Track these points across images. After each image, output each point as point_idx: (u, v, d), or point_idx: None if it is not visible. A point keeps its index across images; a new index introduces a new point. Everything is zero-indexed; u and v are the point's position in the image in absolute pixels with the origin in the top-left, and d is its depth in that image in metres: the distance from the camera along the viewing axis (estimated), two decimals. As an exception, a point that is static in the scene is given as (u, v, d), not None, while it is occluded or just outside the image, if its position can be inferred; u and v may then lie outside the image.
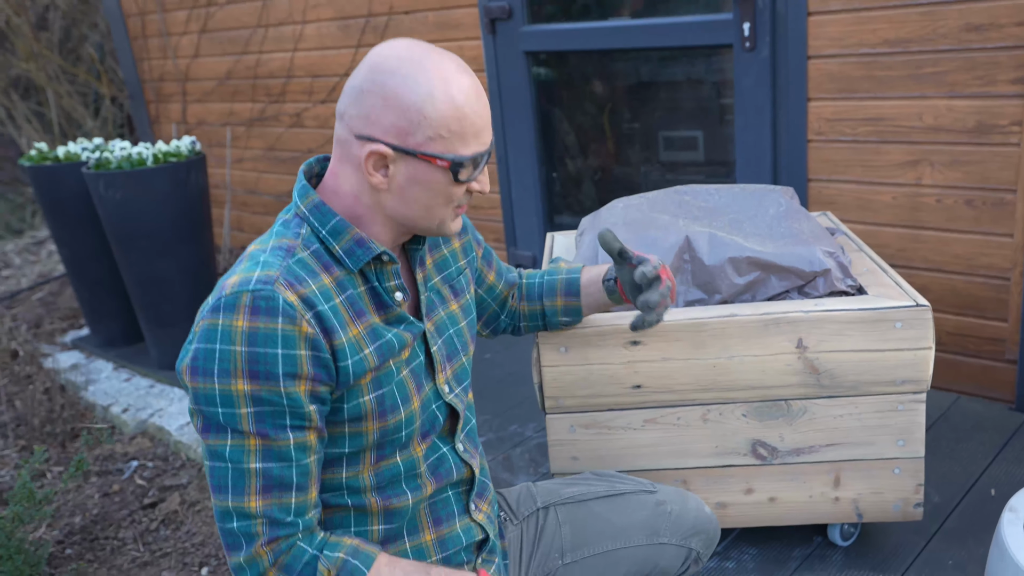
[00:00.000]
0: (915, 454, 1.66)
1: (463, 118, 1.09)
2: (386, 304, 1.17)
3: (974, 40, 2.09)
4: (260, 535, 1.06)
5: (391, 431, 1.16)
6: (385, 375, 1.15)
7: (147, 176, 2.90)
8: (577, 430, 1.70)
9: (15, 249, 5.61)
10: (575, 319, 1.54)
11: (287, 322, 1.04)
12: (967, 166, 2.18)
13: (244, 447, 1.06)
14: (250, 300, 1.04)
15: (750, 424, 1.67)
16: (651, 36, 2.66)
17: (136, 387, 3.14)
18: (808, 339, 1.60)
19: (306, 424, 1.08)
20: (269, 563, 1.07)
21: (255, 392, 1.04)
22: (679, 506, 1.43)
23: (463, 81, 1.10)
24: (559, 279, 1.52)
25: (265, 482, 1.06)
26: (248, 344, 1.04)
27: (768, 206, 1.79)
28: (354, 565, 1.08)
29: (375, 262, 1.16)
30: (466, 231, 1.39)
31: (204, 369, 1.05)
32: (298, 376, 1.05)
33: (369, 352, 1.12)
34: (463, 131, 1.09)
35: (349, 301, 1.12)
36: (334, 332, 1.09)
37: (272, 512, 1.06)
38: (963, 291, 2.28)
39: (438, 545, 1.25)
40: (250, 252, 1.13)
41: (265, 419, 1.05)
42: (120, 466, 2.70)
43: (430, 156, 1.09)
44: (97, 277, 3.35)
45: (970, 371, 2.33)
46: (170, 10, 4.42)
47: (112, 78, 5.63)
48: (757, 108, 2.48)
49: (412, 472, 1.21)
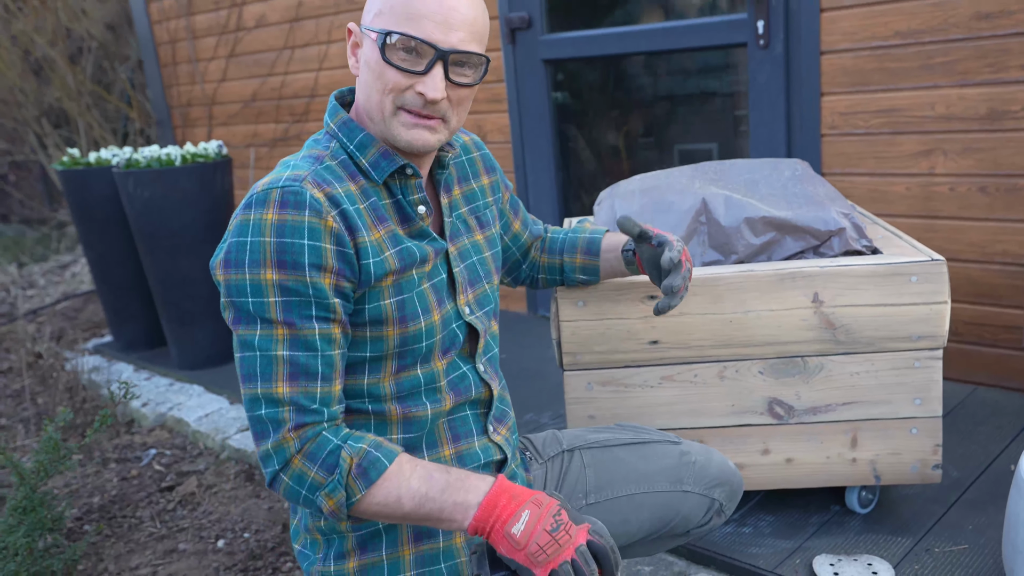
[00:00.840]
0: (932, 413, 1.66)
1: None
2: (409, 217, 1.20)
3: (984, 28, 2.15)
4: (287, 421, 1.08)
5: (411, 339, 1.19)
6: (407, 282, 1.18)
7: (175, 175, 2.98)
8: (595, 387, 1.72)
9: (40, 271, 5.70)
10: (592, 279, 1.57)
11: (313, 215, 1.08)
12: (980, 153, 2.22)
13: (272, 336, 1.09)
14: (279, 195, 1.09)
15: (766, 382, 1.68)
16: (667, 39, 2.74)
17: (156, 385, 3.17)
18: (824, 293, 1.62)
19: (331, 316, 1.11)
20: (296, 449, 1.09)
21: (283, 281, 1.08)
22: (703, 457, 1.44)
23: None
24: (581, 237, 1.55)
25: (292, 369, 1.09)
26: (276, 235, 1.07)
27: (783, 170, 1.82)
28: (376, 456, 1.09)
29: (399, 176, 1.19)
30: (495, 171, 1.42)
31: (236, 260, 1.09)
32: (323, 268, 1.09)
33: (390, 254, 1.15)
34: (404, 9, 1.10)
35: (372, 207, 1.16)
36: (357, 231, 1.12)
37: (299, 399, 1.09)
38: (979, 279, 2.29)
39: (456, 460, 1.26)
40: (281, 161, 1.18)
41: (292, 308, 1.08)
42: (139, 454, 2.71)
43: (370, 30, 1.13)
44: (122, 280, 3.41)
45: (986, 361, 2.33)
46: (200, 36, 4.56)
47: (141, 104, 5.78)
48: (771, 104, 2.54)
49: (432, 385, 1.23)
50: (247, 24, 4.24)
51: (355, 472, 1.08)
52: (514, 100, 3.19)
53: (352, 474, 1.08)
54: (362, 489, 1.08)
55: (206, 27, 4.49)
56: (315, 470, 1.08)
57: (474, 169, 1.37)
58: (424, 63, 1.11)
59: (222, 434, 2.66)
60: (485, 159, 1.41)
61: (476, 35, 1.14)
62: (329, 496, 1.08)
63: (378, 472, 1.09)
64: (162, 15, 4.75)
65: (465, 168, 1.36)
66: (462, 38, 1.12)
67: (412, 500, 1.08)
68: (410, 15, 1.10)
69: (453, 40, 1.11)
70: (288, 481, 1.10)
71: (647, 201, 1.80)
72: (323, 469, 1.08)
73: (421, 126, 1.15)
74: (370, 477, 1.08)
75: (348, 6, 3.69)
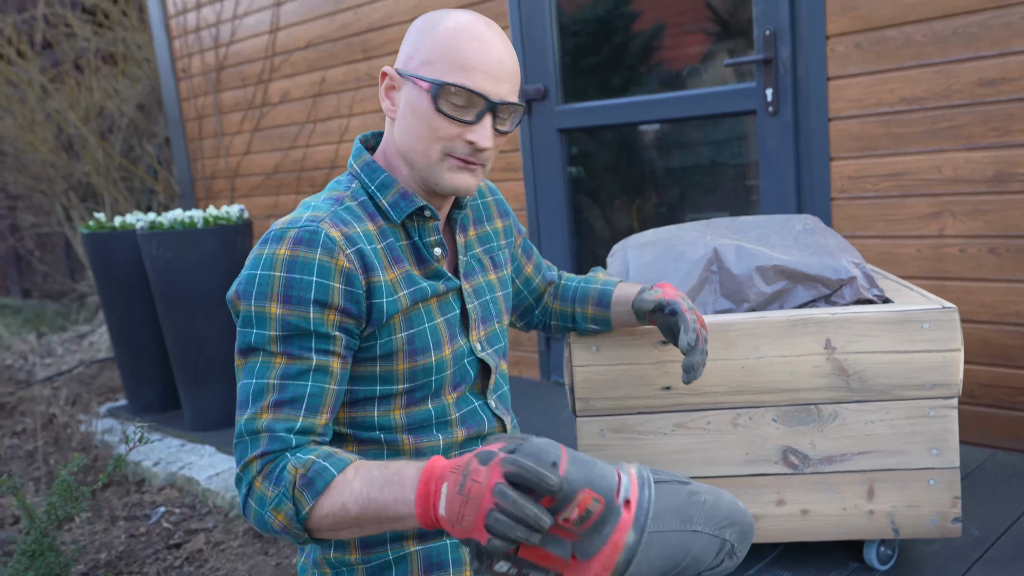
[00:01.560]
0: (950, 464, 1.64)
1: (457, 47, 1.14)
2: (425, 259, 1.23)
3: (988, 94, 2.20)
4: (260, 446, 1.09)
5: (420, 374, 1.20)
6: (416, 315, 1.20)
7: (196, 236, 3.04)
8: (607, 434, 1.71)
9: (59, 341, 5.77)
10: (604, 329, 1.59)
11: (325, 254, 1.11)
12: (989, 215, 2.25)
13: (270, 363, 1.11)
14: (295, 234, 1.12)
15: (780, 430, 1.67)
16: (679, 107, 2.82)
17: (167, 446, 3.16)
18: (836, 339, 1.63)
19: (331, 348, 1.12)
20: (256, 471, 1.08)
21: (286, 316, 1.10)
22: (712, 497, 1.42)
23: (476, 24, 1.16)
24: (593, 288, 1.58)
25: (279, 396, 1.10)
26: (287, 271, 1.10)
27: (795, 223, 1.85)
28: (323, 466, 1.05)
29: (417, 217, 1.22)
30: (508, 216, 1.46)
31: (245, 292, 1.12)
32: (327, 305, 1.11)
33: (403, 295, 1.18)
34: (453, 58, 1.14)
35: (389, 248, 1.19)
36: (372, 270, 1.14)
37: (276, 427, 1.09)
38: (992, 341, 2.29)
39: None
40: (303, 202, 1.22)
41: (292, 341, 1.11)
42: (148, 512, 2.69)
43: (418, 79, 1.16)
44: (139, 343, 3.44)
45: (1005, 424, 2.31)
46: (226, 112, 4.72)
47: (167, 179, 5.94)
48: (781, 169, 2.59)
49: (443, 418, 1.24)
50: (272, 100, 4.39)
51: (300, 483, 1.04)
52: (529, 168, 3.27)
53: (297, 486, 1.04)
54: (309, 500, 1.04)
55: (233, 103, 4.65)
56: (268, 487, 1.07)
57: (488, 212, 1.41)
58: (474, 113, 1.15)
59: (232, 492, 2.64)
60: (499, 204, 1.45)
61: (517, 85, 1.20)
62: (276, 510, 1.05)
63: (324, 482, 1.04)
64: (191, 92, 4.93)
65: (480, 211, 1.40)
66: (509, 90, 1.18)
67: (357, 504, 1.02)
68: (463, 66, 1.14)
69: (502, 92, 1.16)
70: (253, 505, 1.09)
71: (659, 251, 1.83)
72: (275, 485, 1.07)
73: (466, 171, 1.20)
74: (316, 487, 1.04)
75: (368, 81, 3.83)
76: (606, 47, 3.07)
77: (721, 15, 2.77)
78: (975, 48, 2.20)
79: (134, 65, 6.16)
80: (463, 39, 1.15)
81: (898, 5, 2.30)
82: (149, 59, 5.99)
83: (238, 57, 4.53)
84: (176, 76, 5.01)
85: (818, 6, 2.42)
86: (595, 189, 3.26)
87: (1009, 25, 2.15)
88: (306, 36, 4.09)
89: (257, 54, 4.41)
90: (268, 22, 4.28)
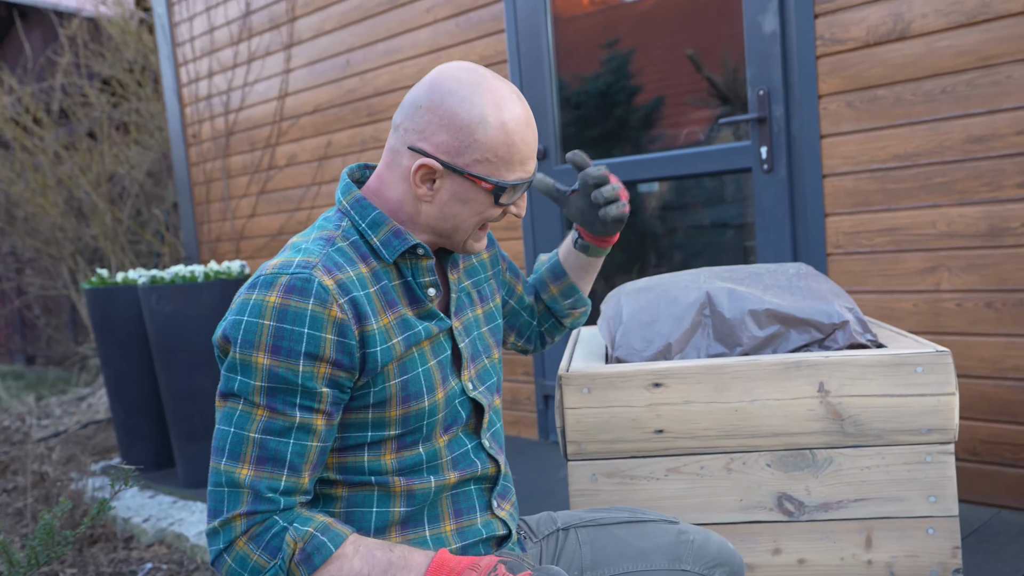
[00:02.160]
0: (948, 512, 1.60)
1: (511, 145, 1.14)
2: (419, 299, 1.21)
3: (978, 150, 2.23)
4: (242, 504, 1.07)
5: (413, 419, 1.18)
6: (410, 361, 1.17)
7: (197, 290, 3.06)
8: (599, 479, 1.68)
9: (57, 403, 5.74)
10: (575, 298, 1.56)
11: (318, 304, 1.08)
12: (984, 269, 2.25)
13: (251, 415, 1.09)
14: (287, 280, 1.09)
15: (775, 475, 1.64)
16: (676, 166, 2.86)
17: (159, 503, 3.12)
18: (829, 383, 1.61)
19: (315, 406, 1.10)
20: (241, 530, 1.07)
21: (273, 367, 1.08)
22: (702, 536, 1.40)
23: (516, 109, 1.16)
24: (544, 269, 1.58)
25: (260, 453, 1.08)
26: (277, 320, 1.08)
27: (788, 269, 1.86)
28: (321, 541, 1.06)
29: (410, 256, 1.20)
30: (492, 245, 1.47)
31: (232, 338, 1.10)
32: (319, 358, 1.08)
33: (397, 341, 1.16)
34: (510, 157, 1.15)
35: (383, 291, 1.17)
36: (366, 319, 1.12)
37: (259, 485, 1.07)
38: (993, 396, 2.26)
39: (457, 535, 1.23)
40: (292, 242, 1.19)
41: (276, 395, 1.08)
42: (134, 568, 2.64)
43: (476, 177, 1.15)
44: (135, 399, 3.43)
45: (1009, 482, 2.26)
46: (234, 176, 4.81)
47: (173, 244, 6.00)
48: (777, 225, 2.61)
49: (434, 462, 1.21)
50: (279, 163, 4.47)
51: (299, 557, 1.05)
52: (528, 228, 3.30)
53: (296, 559, 1.05)
54: (305, 575, 1.05)
55: (241, 167, 4.74)
56: (258, 553, 1.06)
57: None
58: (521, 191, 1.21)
59: (221, 548, 2.59)
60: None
61: None
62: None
63: (323, 557, 1.06)
64: (200, 157, 5.02)
65: None
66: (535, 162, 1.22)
67: None
68: (521, 160, 1.17)
69: (534, 166, 1.21)
70: (230, 562, 1.07)
71: (653, 296, 1.83)
72: (266, 552, 1.06)
73: (486, 231, 1.26)
74: (314, 563, 1.05)
75: (373, 144, 3.90)
76: (605, 112, 3.14)
77: (718, 85, 2.84)
78: (964, 106, 2.24)
79: (146, 134, 6.30)
80: (516, 135, 1.15)
81: (888, 65, 2.35)
82: (161, 127, 6.13)
83: (247, 122, 4.64)
84: (186, 142, 5.12)
85: (810, 66, 2.47)
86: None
87: (996, 84, 2.19)
88: (314, 101, 4.19)
89: (266, 119, 4.51)
90: (277, 88, 4.40)
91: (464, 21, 3.40)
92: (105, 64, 6.24)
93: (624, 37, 3.08)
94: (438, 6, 3.49)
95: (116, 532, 2.95)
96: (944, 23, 2.25)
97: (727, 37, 2.74)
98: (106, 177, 6.13)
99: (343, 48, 3.97)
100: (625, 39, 3.08)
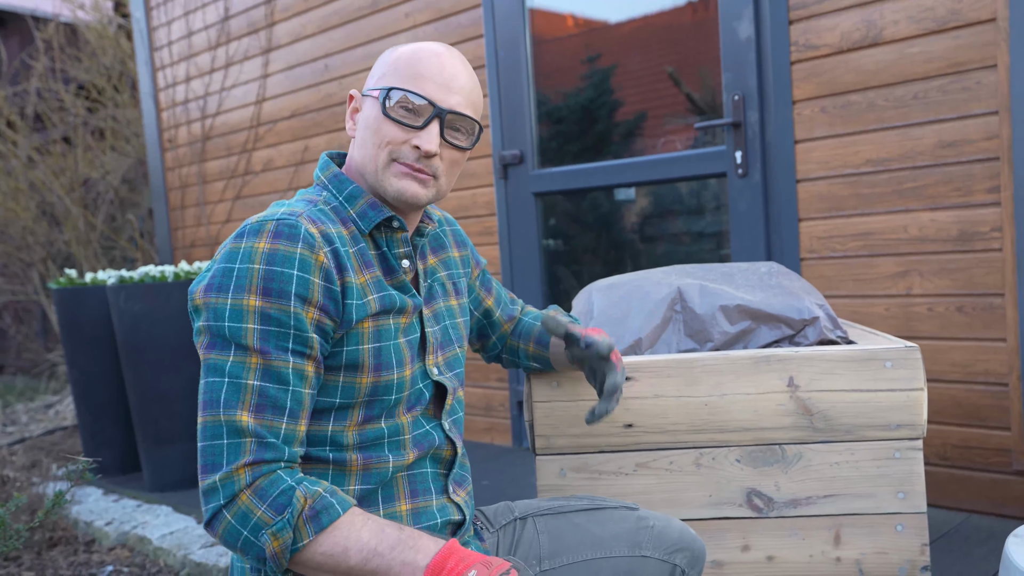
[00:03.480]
0: (917, 509, 1.59)
1: (409, 62, 1.18)
2: (393, 269, 1.22)
3: (949, 156, 2.25)
4: (246, 453, 1.04)
5: (382, 389, 1.17)
6: (384, 330, 1.18)
7: (167, 289, 3.02)
8: (568, 474, 1.66)
9: (24, 410, 5.64)
10: (544, 367, 1.56)
11: (306, 248, 1.09)
12: (955, 273, 2.26)
13: (245, 363, 1.07)
14: (274, 226, 1.10)
15: (744, 471, 1.62)
16: (652, 171, 2.86)
17: (123, 507, 3.05)
18: (799, 378, 1.60)
19: (307, 351, 1.09)
20: (245, 483, 1.04)
21: (265, 309, 1.07)
22: (662, 522, 1.39)
23: (436, 46, 1.20)
24: (537, 327, 1.56)
25: (260, 400, 1.06)
26: (266, 263, 1.08)
27: (759, 267, 1.85)
28: (330, 501, 1.05)
29: (386, 228, 1.22)
30: (466, 246, 1.46)
31: (220, 285, 1.08)
32: (308, 301, 1.08)
33: (373, 299, 1.16)
34: (408, 70, 1.17)
35: (360, 253, 1.18)
36: (345, 271, 1.13)
37: (263, 432, 1.05)
38: (964, 400, 2.27)
39: (412, 517, 1.21)
40: (273, 203, 1.21)
41: (270, 337, 1.07)
42: (94, 571, 2.57)
43: (372, 90, 1.20)
44: (101, 401, 3.36)
45: (979, 486, 2.26)
46: (209, 181, 4.77)
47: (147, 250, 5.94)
48: (752, 230, 2.61)
49: (396, 438, 1.20)
50: (255, 168, 4.44)
51: (308, 514, 1.03)
52: (504, 232, 3.29)
53: (304, 516, 1.03)
54: (311, 533, 1.03)
55: (217, 172, 4.70)
56: (263, 508, 1.03)
57: (447, 241, 1.41)
58: (422, 120, 1.17)
59: (184, 550, 2.54)
60: (456, 234, 1.45)
61: (472, 103, 1.21)
62: (276, 536, 1.02)
63: (330, 518, 1.04)
64: (176, 162, 4.98)
65: (440, 239, 1.40)
66: (459, 102, 1.19)
67: (360, 553, 1.03)
68: (413, 75, 1.17)
69: (452, 102, 1.18)
70: (230, 519, 1.04)
71: (624, 292, 1.82)
72: (272, 508, 1.03)
73: (412, 177, 1.18)
74: (321, 522, 1.04)
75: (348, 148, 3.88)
76: (583, 117, 3.14)
77: (696, 101, 2.85)
78: (935, 112, 2.26)
79: (123, 140, 6.24)
80: (420, 55, 1.19)
81: (861, 71, 2.37)
82: (138, 134, 6.07)
83: (224, 127, 4.60)
84: (162, 147, 5.07)
85: (784, 72, 2.49)
86: (570, 253, 3.27)
87: (967, 90, 2.21)
88: (291, 106, 4.17)
89: (243, 124, 4.48)
90: (255, 93, 4.37)
91: (443, 26, 3.40)
92: (82, 69, 6.19)
93: (605, 52, 3.09)
94: (417, 11, 3.49)
95: (77, 535, 2.88)
96: (915, 29, 2.27)
97: (706, 57, 2.76)
98: (80, 182, 6.06)
99: (322, 53, 3.96)
100: (606, 54, 3.09)
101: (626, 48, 3.00)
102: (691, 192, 2.88)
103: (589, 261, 3.23)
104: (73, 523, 3.00)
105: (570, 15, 3.19)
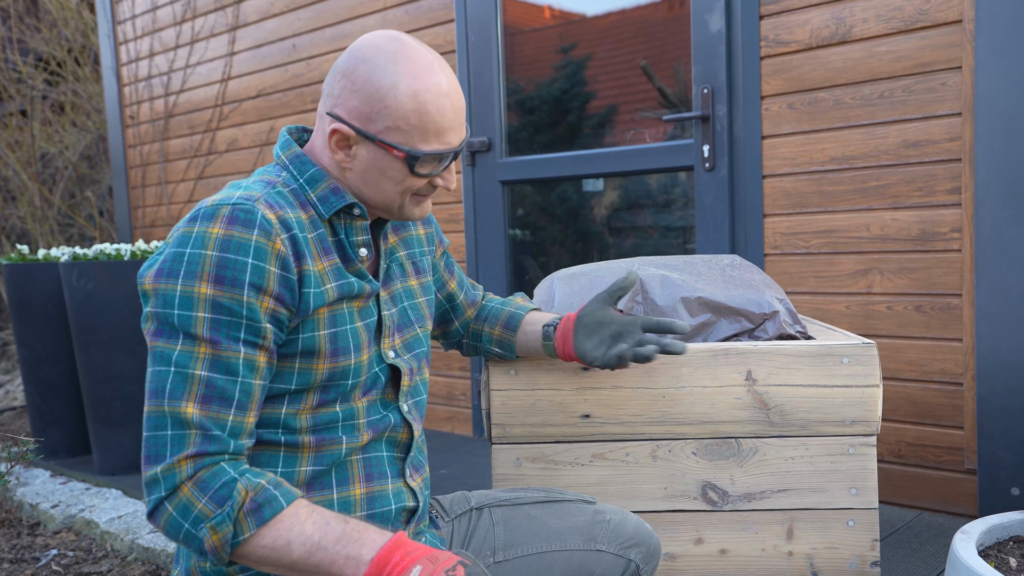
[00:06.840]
0: (869, 504, 1.60)
1: (424, 114, 1.11)
2: (349, 258, 1.19)
3: (912, 155, 2.26)
4: (189, 446, 1.01)
5: (338, 375, 1.15)
6: (340, 315, 1.15)
7: (122, 268, 2.94)
8: (523, 464, 1.64)
9: (-26, 389, 5.50)
10: (507, 354, 1.54)
11: (262, 235, 1.06)
12: (914, 273, 2.28)
13: (193, 352, 1.03)
14: (229, 211, 1.06)
15: (700, 464, 1.62)
16: (619, 162, 2.85)
17: (71, 489, 2.98)
18: (757, 371, 1.60)
19: (259, 342, 1.06)
20: (187, 475, 1.01)
21: (217, 297, 1.03)
22: (618, 517, 1.38)
23: (433, 79, 1.12)
24: (505, 310, 1.54)
25: (207, 391, 1.03)
26: (220, 250, 1.04)
27: (722, 259, 1.85)
28: (273, 494, 1.02)
29: (346, 216, 1.18)
30: (431, 223, 1.43)
31: (171, 271, 1.04)
32: (263, 290, 1.05)
33: (331, 287, 1.13)
34: (423, 127, 1.12)
35: (319, 239, 1.14)
36: (303, 258, 1.10)
37: (207, 424, 1.02)
38: (919, 399, 2.29)
39: (366, 501, 1.19)
40: (230, 183, 1.17)
41: (220, 327, 1.04)
42: (37, 555, 2.51)
43: (388, 145, 1.12)
44: (51, 381, 3.28)
45: (932, 484, 2.28)
46: (172, 160, 4.67)
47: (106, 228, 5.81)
48: (717, 224, 2.61)
49: (350, 421, 1.18)
50: (219, 148, 4.36)
51: (248, 507, 1.00)
52: (471, 220, 3.26)
53: (245, 509, 1.00)
54: (252, 527, 1.00)
55: (179, 151, 4.61)
56: (203, 501, 1.00)
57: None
58: (445, 163, 1.16)
59: (133, 534, 2.48)
60: None
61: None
62: (214, 530, 0.99)
63: (272, 511, 1.01)
64: (137, 139, 4.88)
65: None
66: (465, 131, 1.18)
67: (303, 547, 1.00)
68: (437, 131, 1.13)
69: (464, 135, 1.17)
70: (172, 511, 1.01)
71: (585, 282, 1.80)
72: (213, 501, 1.00)
73: (426, 200, 1.22)
74: (263, 515, 1.01)
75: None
76: (553, 106, 3.11)
77: (668, 95, 2.84)
78: (900, 111, 2.27)
79: (83, 115, 6.10)
80: (433, 103, 1.11)
81: (829, 68, 2.38)
82: (99, 109, 5.94)
83: (188, 105, 4.51)
84: (124, 123, 4.96)
85: (754, 67, 2.48)
86: (537, 244, 3.25)
87: (932, 90, 2.22)
88: (257, 85, 4.10)
89: (207, 102, 4.39)
90: (220, 71, 4.29)
91: (414, 9, 3.36)
92: (41, 40, 6.03)
93: (581, 44, 3.07)
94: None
95: (22, 518, 2.81)
96: (884, 28, 2.28)
97: (681, 51, 2.75)
98: (37, 156, 5.92)
99: (290, 32, 3.89)
100: (582, 46, 3.06)
101: (602, 41, 2.98)
102: (660, 186, 2.88)
103: (556, 252, 3.21)
104: (17, 505, 2.92)
105: (547, 6, 3.16)
